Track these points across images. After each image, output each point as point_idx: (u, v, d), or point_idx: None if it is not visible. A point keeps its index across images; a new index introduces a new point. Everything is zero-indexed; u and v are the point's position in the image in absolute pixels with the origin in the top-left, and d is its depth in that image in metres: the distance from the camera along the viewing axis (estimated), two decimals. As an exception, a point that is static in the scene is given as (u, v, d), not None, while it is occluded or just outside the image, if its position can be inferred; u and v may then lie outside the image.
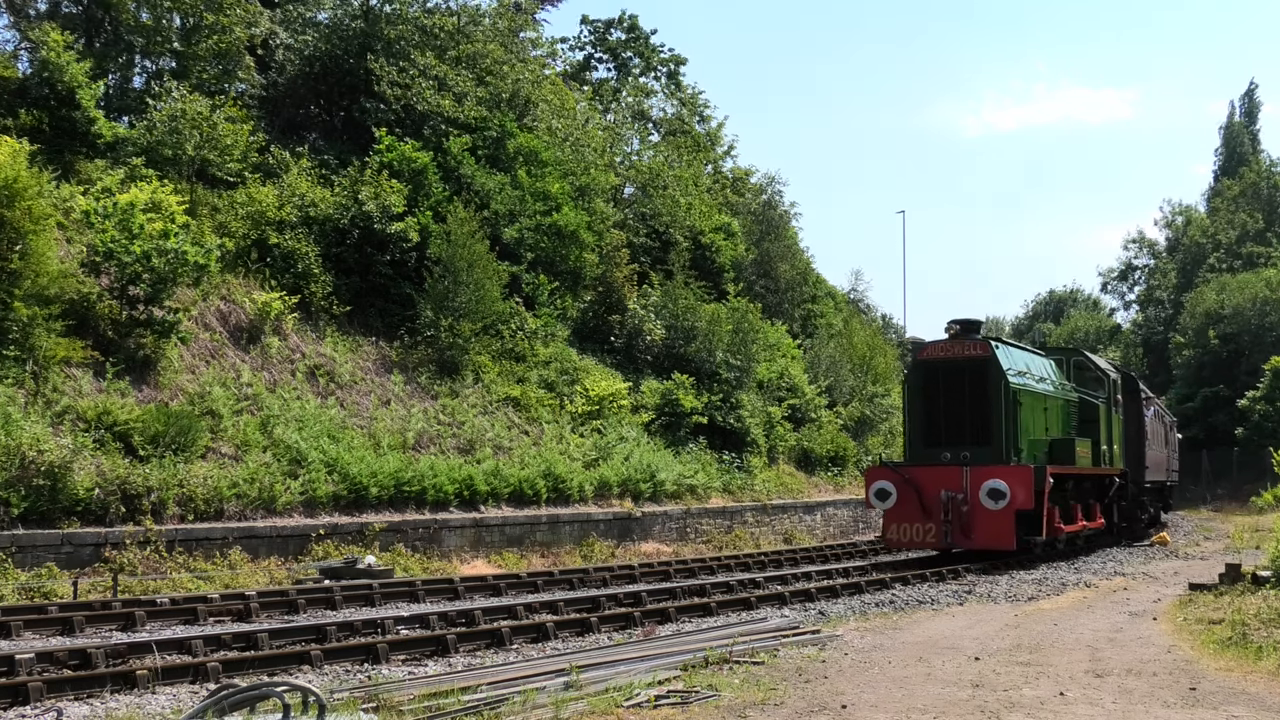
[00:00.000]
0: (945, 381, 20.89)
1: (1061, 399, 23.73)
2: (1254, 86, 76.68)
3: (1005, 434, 20.30)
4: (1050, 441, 22.23)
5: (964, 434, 20.58)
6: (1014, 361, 21.46)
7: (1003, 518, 19.50)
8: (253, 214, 24.69)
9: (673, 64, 51.49)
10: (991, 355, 20.66)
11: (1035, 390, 21.91)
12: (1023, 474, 19.70)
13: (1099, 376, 25.99)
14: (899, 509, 20.45)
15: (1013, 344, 22.89)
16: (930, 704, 8.22)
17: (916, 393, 21.39)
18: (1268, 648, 10.38)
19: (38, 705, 8.47)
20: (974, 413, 20.57)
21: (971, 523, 19.74)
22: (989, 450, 20.33)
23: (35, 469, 15.93)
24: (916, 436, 21.40)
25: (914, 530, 20.30)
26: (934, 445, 20.95)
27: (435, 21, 31.85)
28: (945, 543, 20.13)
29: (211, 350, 21.89)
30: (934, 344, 21.77)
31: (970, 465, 20.01)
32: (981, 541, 19.86)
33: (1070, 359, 26.68)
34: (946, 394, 20.86)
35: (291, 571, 17.70)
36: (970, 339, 21.15)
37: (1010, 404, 20.37)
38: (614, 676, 9.08)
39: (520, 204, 29.99)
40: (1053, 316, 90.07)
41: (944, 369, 20.95)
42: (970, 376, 20.64)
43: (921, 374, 21.32)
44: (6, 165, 18.31)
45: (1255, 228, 63.13)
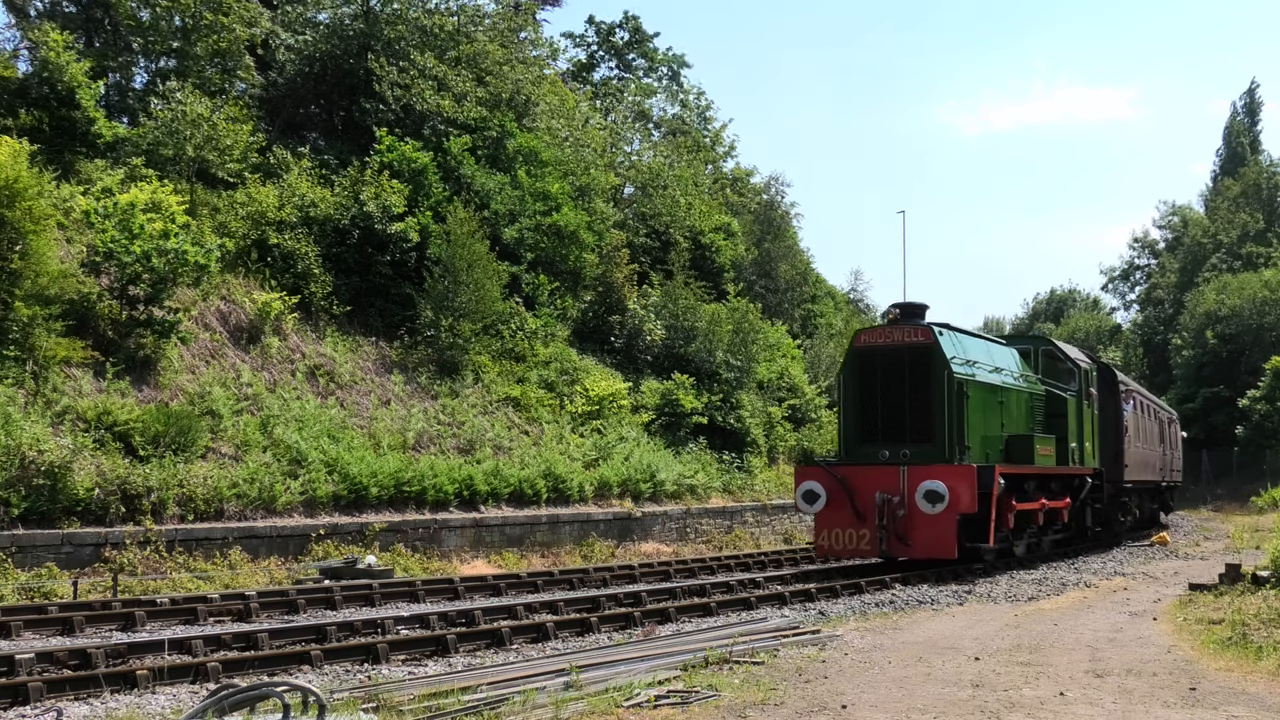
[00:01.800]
0: (883, 372, 18.94)
1: (1023, 392, 21.82)
2: (1255, 86, 76.69)
3: (949, 429, 18.41)
4: (1007, 438, 20.43)
5: (904, 430, 18.69)
6: (962, 350, 19.49)
7: (942, 523, 17.62)
8: (253, 214, 24.70)
9: (675, 65, 51.56)
10: (934, 343, 18.65)
11: (987, 382, 19.98)
12: (965, 474, 17.81)
13: (1070, 368, 23.75)
14: (830, 513, 18.55)
15: (964, 331, 20.83)
16: (930, 704, 8.22)
17: (852, 384, 19.35)
18: (1268, 648, 10.39)
19: (38, 705, 8.47)
20: (915, 406, 18.66)
21: (909, 528, 17.91)
22: (931, 448, 18.46)
23: (35, 469, 15.94)
24: (851, 433, 19.35)
25: (847, 536, 18.43)
26: (870, 442, 19.01)
27: (435, 22, 31.85)
28: (881, 550, 18.22)
29: (211, 350, 21.90)
30: (871, 330, 20.16)
31: (908, 464, 18.18)
32: (920, 549, 18.07)
33: (1038, 349, 24.37)
34: (885, 386, 18.90)
35: (291, 571, 17.70)
36: (911, 324, 19.05)
37: (954, 396, 18.49)
38: (614, 676, 9.08)
39: (520, 204, 30.00)
40: (1053, 316, 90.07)
41: (882, 358, 18.97)
42: (911, 366, 18.73)
43: (857, 364, 19.31)
44: (7, 165, 18.32)
45: (1256, 228, 63.13)
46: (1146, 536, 29.33)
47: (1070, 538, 24.05)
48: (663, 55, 51.43)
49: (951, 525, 17.68)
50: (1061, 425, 22.64)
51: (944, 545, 17.82)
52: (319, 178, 27.03)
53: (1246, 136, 72.74)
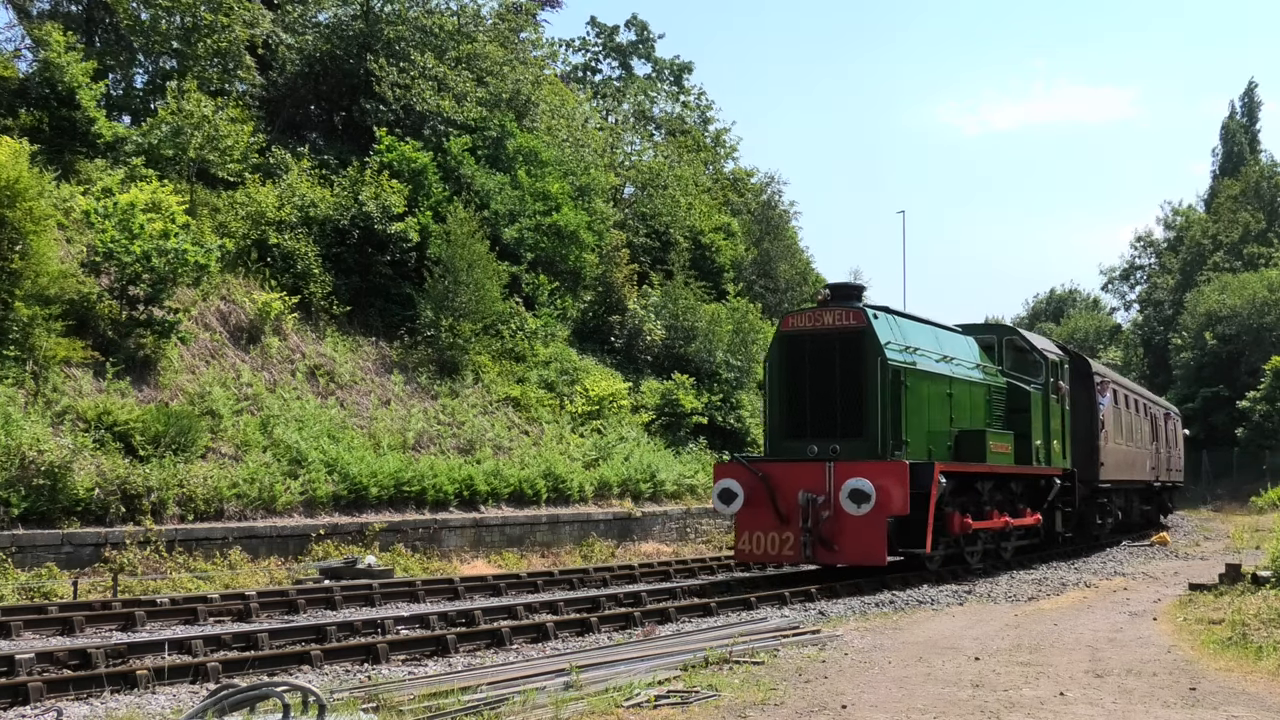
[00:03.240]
0: (812, 359, 17.18)
1: (978, 384, 20.00)
2: (1254, 85, 76.34)
3: (882, 423, 16.65)
4: (956, 434, 18.76)
5: (834, 423, 16.96)
6: (901, 335, 17.75)
7: (869, 526, 15.95)
8: (253, 214, 24.71)
9: (679, 70, 51.56)
10: (866, 326, 16.86)
11: (931, 371, 18.21)
12: (896, 471, 16.10)
13: (1036, 360, 21.90)
14: (751, 515, 16.82)
15: (906, 315, 19.11)
16: (930, 704, 8.22)
17: (778, 373, 17.59)
18: (1268, 648, 10.39)
19: (38, 705, 8.47)
20: (845, 397, 16.92)
21: (835, 532, 16.19)
22: (862, 443, 16.75)
23: (35, 469, 15.94)
24: (777, 426, 17.64)
25: (769, 540, 16.70)
26: (798, 437, 17.24)
27: (435, 22, 31.87)
28: (805, 556, 16.48)
29: (211, 350, 21.90)
30: (799, 313, 18.21)
31: (836, 460, 16.50)
32: (848, 555, 16.37)
33: (1002, 339, 22.33)
34: (814, 374, 17.14)
35: (291, 571, 17.71)
36: (843, 306, 17.26)
37: (889, 386, 16.73)
38: (614, 676, 9.08)
39: (520, 204, 30.01)
40: (1053, 316, 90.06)
41: (810, 344, 17.20)
42: (841, 353, 16.97)
43: (784, 350, 17.52)
44: (7, 165, 18.33)
45: (1258, 228, 63.11)
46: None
47: (1039, 544, 22.40)
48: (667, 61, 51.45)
49: (880, 529, 16.00)
50: (1025, 421, 20.82)
51: (872, 551, 16.08)
52: (319, 178, 27.04)
53: (1245, 136, 72.69)
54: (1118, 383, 28.62)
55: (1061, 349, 24.27)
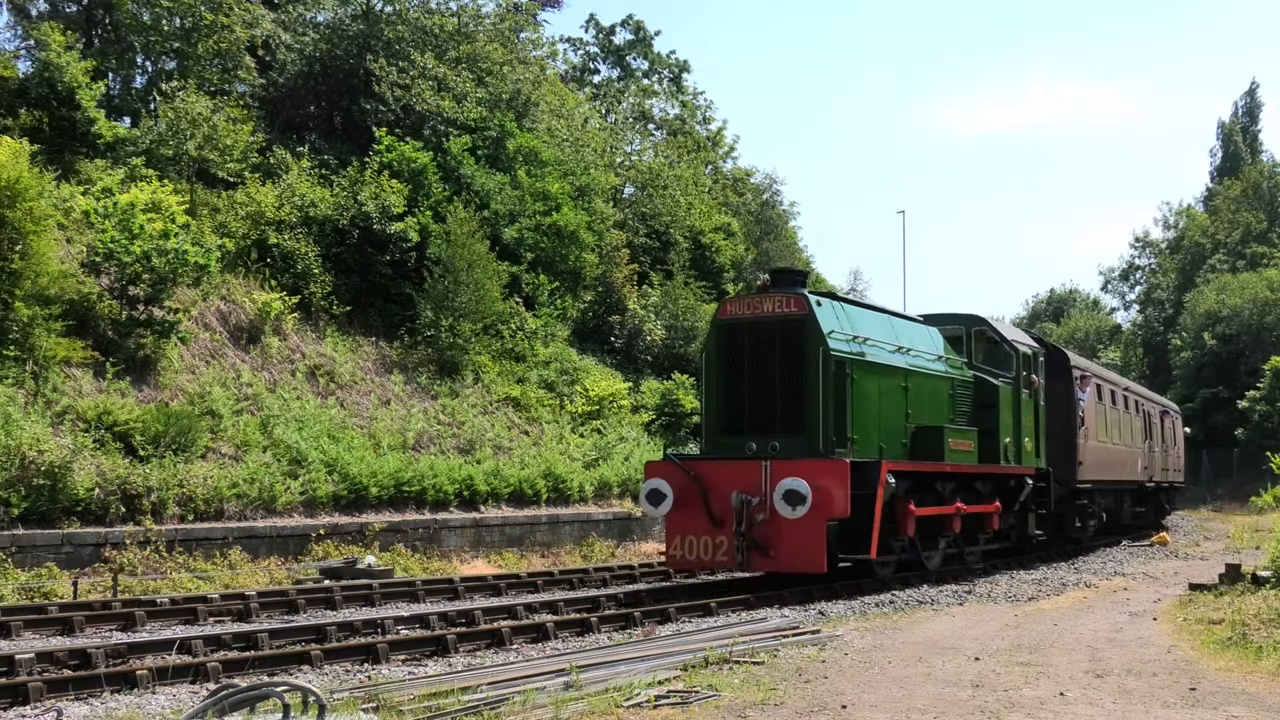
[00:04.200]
0: (751, 349, 16.00)
1: (939, 377, 18.68)
2: (1255, 86, 76.47)
3: (824, 418, 15.37)
4: (913, 431, 17.52)
5: (774, 418, 15.77)
6: (848, 324, 16.50)
7: (807, 530, 14.70)
8: (252, 214, 24.73)
9: (677, 69, 51.62)
10: (807, 314, 15.64)
11: (883, 363, 16.99)
12: (835, 470, 14.78)
13: (1007, 351, 20.53)
14: (683, 517, 15.60)
15: (858, 303, 17.89)
16: (930, 704, 8.22)
17: (715, 364, 16.42)
18: (1268, 648, 10.39)
19: (38, 705, 8.47)
20: (785, 390, 15.72)
21: (771, 536, 14.94)
22: (803, 439, 15.50)
23: (35, 469, 15.94)
24: (715, 422, 16.41)
25: (702, 545, 15.46)
26: (735, 432, 16.03)
27: (435, 22, 31.89)
28: (739, 562, 15.25)
29: (211, 350, 21.91)
30: (737, 300, 17.05)
31: (773, 458, 15.26)
32: (785, 561, 15.09)
33: (971, 330, 20.86)
34: (752, 366, 15.97)
35: (291, 571, 17.71)
36: (784, 292, 16.06)
37: (833, 378, 15.47)
38: (614, 676, 9.08)
39: (520, 204, 30.03)
40: (1053, 316, 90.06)
41: (750, 333, 16.02)
42: (781, 342, 15.77)
43: (722, 339, 16.37)
44: (8, 165, 18.34)
45: (1259, 228, 63.12)
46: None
47: (1010, 548, 21.06)
48: (664, 59, 51.49)
49: (819, 533, 14.73)
50: (993, 417, 19.57)
51: (809, 556, 14.82)
52: (319, 178, 27.06)
53: (1245, 137, 72.72)
54: (1102, 377, 27.27)
55: (1038, 341, 23.00)
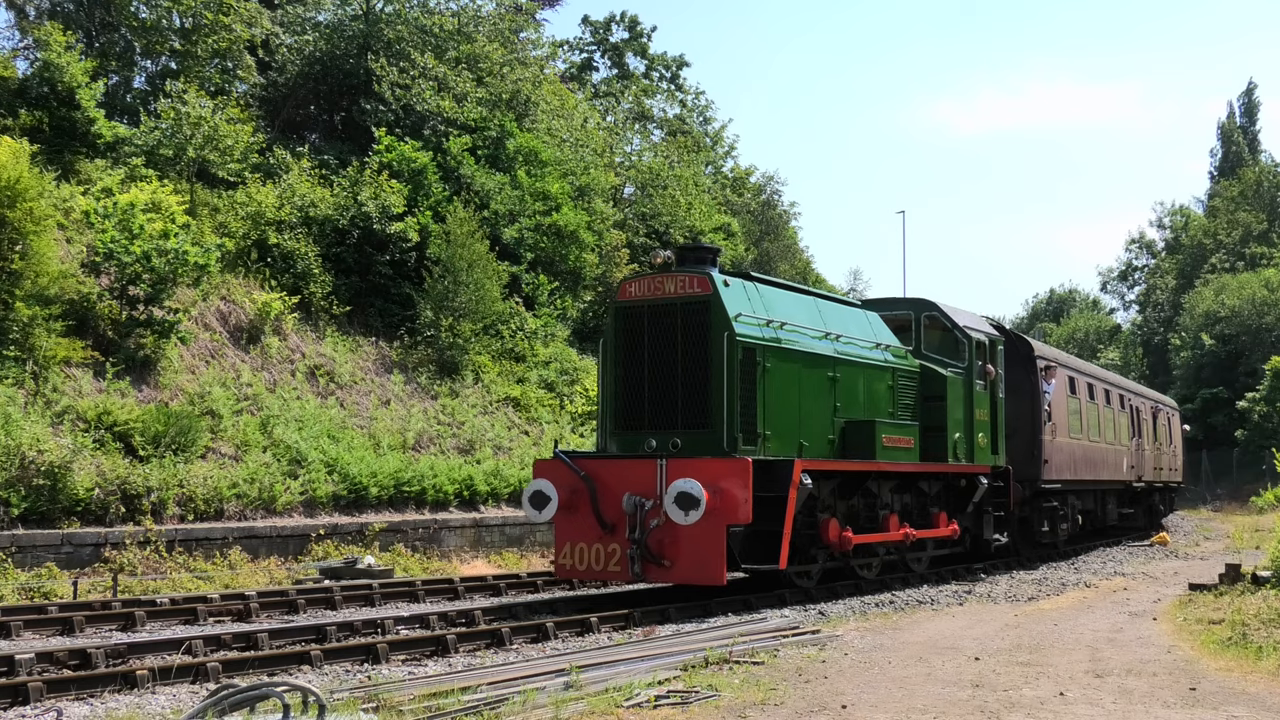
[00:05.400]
0: (651, 335, 14.35)
1: (874, 366, 16.87)
2: (1253, 86, 76.30)
3: (729, 411, 13.74)
4: (843, 425, 15.86)
5: (675, 412, 14.14)
6: (762, 307, 14.78)
7: (703, 537, 13.16)
8: (252, 214, 24.74)
9: (674, 66, 51.66)
10: (711, 294, 13.98)
11: (805, 351, 15.24)
12: (735, 470, 13.17)
13: (959, 339, 18.80)
14: (572, 522, 14.10)
15: (774, 283, 16.21)
16: (930, 704, 8.22)
17: (613, 352, 14.71)
18: (1268, 648, 10.39)
19: (38, 705, 8.47)
20: (688, 381, 14.10)
21: (667, 544, 13.45)
22: (707, 435, 13.86)
23: (35, 469, 15.95)
24: (611, 415, 14.71)
25: (593, 554, 13.93)
26: (634, 428, 14.40)
27: (435, 22, 31.90)
28: (634, 572, 13.64)
29: (211, 350, 21.91)
30: (637, 279, 15.09)
31: (670, 457, 13.67)
32: (681, 572, 13.58)
33: (920, 315, 19.03)
34: (653, 353, 14.31)
35: (291, 571, 17.71)
36: (687, 272, 14.40)
37: (739, 367, 13.90)
38: (614, 676, 9.08)
39: (520, 204, 30.03)
40: (1053, 316, 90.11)
41: (650, 316, 14.38)
42: (684, 327, 14.15)
43: (620, 324, 14.67)
44: (8, 166, 18.34)
45: (1259, 228, 63.12)
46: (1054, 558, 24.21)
47: (963, 554, 19.35)
48: (661, 57, 51.53)
49: (717, 541, 13.22)
50: (940, 411, 17.92)
51: (707, 566, 13.29)
52: (319, 178, 27.07)
53: (1244, 136, 72.70)
54: (1076, 369, 25.35)
55: (998, 328, 21.08)
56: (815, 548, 15.08)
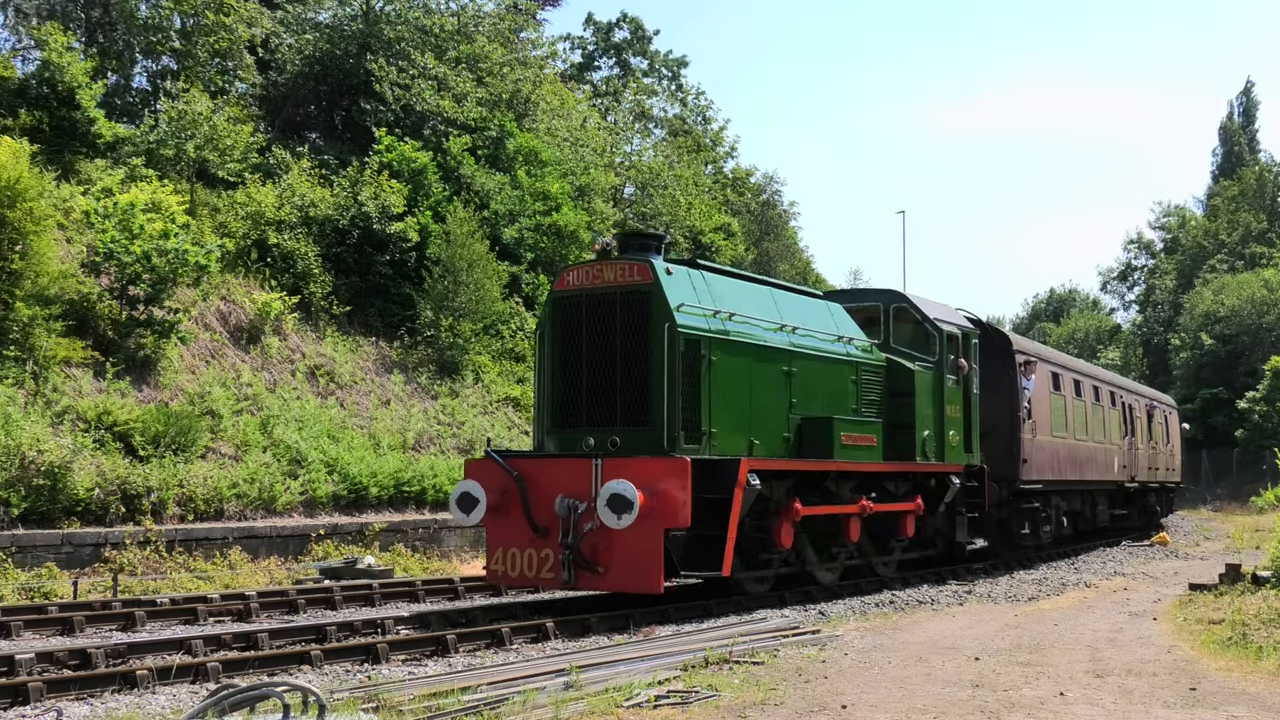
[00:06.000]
0: (590, 327, 13.54)
1: (835, 361, 15.94)
2: (1251, 85, 76.29)
3: (670, 407, 12.91)
4: (800, 423, 14.96)
5: (614, 408, 13.33)
6: (708, 296, 13.88)
7: (639, 542, 12.34)
8: (252, 214, 24.74)
9: (675, 66, 51.68)
10: (652, 283, 13.15)
11: (757, 343, 14.39)
12: (672, 470, 12.34)
13: (929, 332, 17.93)
14: (504, 526, 13.31)
15: (725, 271, 15.36)
16: (930, 704, 8.23)
17: (550, 345, 13.88)
18: (1268, 648, 10.40)
19: (38, 705, 8.47)
20: (628, 375, 13.25)
21: (601, 549, 12.64)
22: (647, 433, 13.03)
23: (35, 469, 15.95)
24: (548, 412, 13.89)
25: (525, 559, 13.16)
26: (572, 425, 13.60)
27: (435, 22, 31.90)
28: (565, 580, 12.86)
29: (211, 350, 21.92)
30: (576, 268, 14.10)
31: (606, 456, 12.81)
32: (616, 579, 12.74)
33: (889, 307, 18.15)
34: (592, 346, 13.50)
35: (291, 571, 17.72)
36: (627, 259, 13.58)
37: (682, 360, 13.04)
38: (614, 676, 9.08)
39: (520, 204, 30.04)
40: (1053, 316, 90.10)
41: (588, 306, 13.57)
42: (623, 318, 13.33)
43: (557, 315, 13.83)
44: (8, 166, 18.34)
45: (1259, 228, 63.13)
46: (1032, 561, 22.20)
47: (933, 557, 18.66)
48: (663, 58, 51.56)
49: (654, 546, 12.40)
50: (908, 407, 17.06)
51: (643, 574, 12.45)
52: (319, 178, 27.08)
53: (1244, 136, 72.71)
54: (1060, 364, 24.26)
55: (975, 322, 20.16)
56: (769, 552, 14.32)
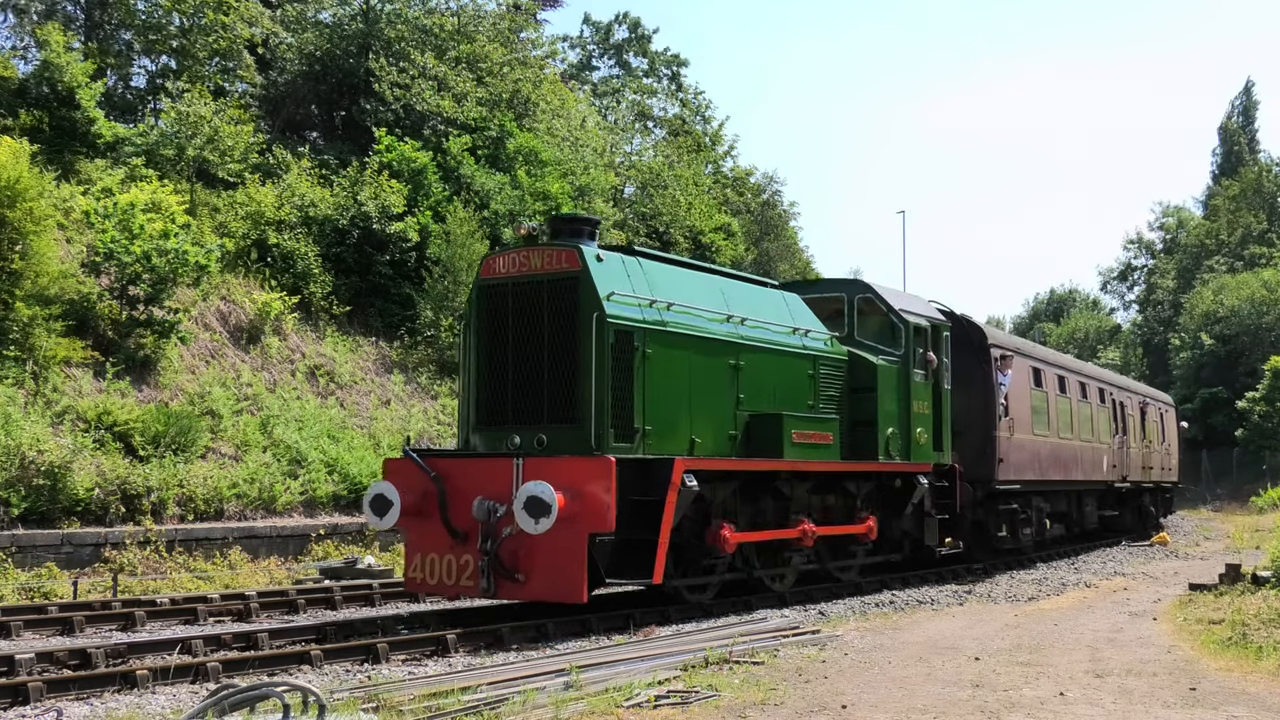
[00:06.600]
0: (516, 317, 12.69)
1: (794, 354, 15.03)
2: (1251, 85, 76.32)
3: (599, 403, 12.04)
4: (748, 419, 14.05)
5: (542, 404, 12.46)
6: (645, 286, 12.99)
7: (559, 548, 11.51)
8: (252, 214, 24.75)
9: (675, 65, 51.69)
10: (581, 271, 12.28)
11: (697, 335, 13.42)
12: (595, 471, 11.46)
13: (895, 324, 16.94)
14: (421, 529, 12.52)
15: (665, 258, 14.51)
16: (930, 704, 8.23)
17: (474, 337, 13.05)
18: (1268, 648, 10.39)
19: (38, 705, 8.47)
20: (556, 369, 12.42)
21: (521, 555, 11.80)
22: (575, 431, 12.15)
23: (35, 469, 15.96)
24: (472, 409, 13.04)
25: (444, 566, 12.36)
26: (498, 423, 12.74)
27: (435, 22, 31.91)
28: (484, 588, 12.02)
29: (211, 350, 21.92)
30: (503, 254, 13.13)
31: (529, 456, 11.98)
32: (537, 588, 11.90)
33: (854, 297, 17.20)
34: (519, 338, 12.65)
35: (291, 571, 17.72)
36: (555, 245, 12.74)
37: (611, 352, 12.19)
38: (614, 676, 9.08)
39: (520, 204, 30.04)
40: (1053, 316, 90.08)
41: (514, 296, 12.70)
42: (551, 308, 12.48)
43: (483, 305, 12.96)
44: (8, 166, 18.35)
45: (1259, 228, 63.15)
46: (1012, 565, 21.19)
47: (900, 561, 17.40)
48: (662, 56, 51.56)
49: (576, 552, 11.55)
50: (871, 404, 16.05)
51: (564, 582, 11.63)
52: (319, 178, 27.08)
53: (1244, 136, 72.72)
54: (1043, 359, 23.22)
55: (948, 314, 19.14)
56: (712, 558, 13.48)
